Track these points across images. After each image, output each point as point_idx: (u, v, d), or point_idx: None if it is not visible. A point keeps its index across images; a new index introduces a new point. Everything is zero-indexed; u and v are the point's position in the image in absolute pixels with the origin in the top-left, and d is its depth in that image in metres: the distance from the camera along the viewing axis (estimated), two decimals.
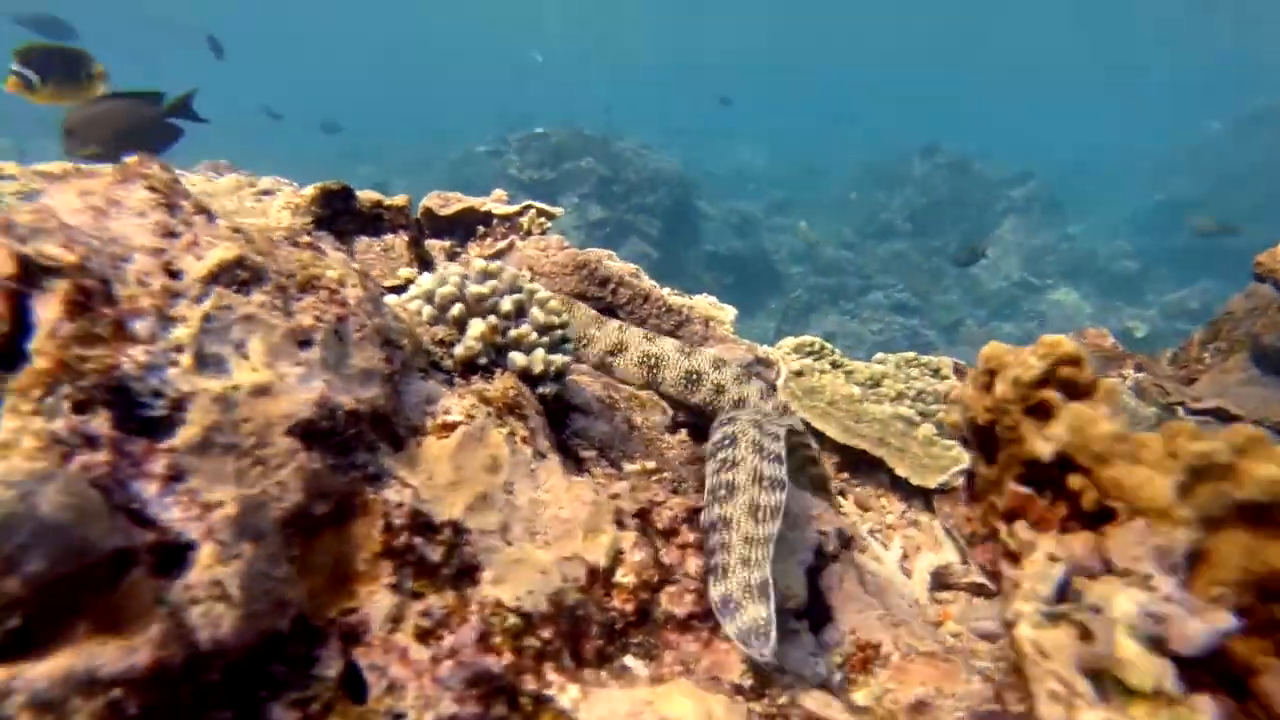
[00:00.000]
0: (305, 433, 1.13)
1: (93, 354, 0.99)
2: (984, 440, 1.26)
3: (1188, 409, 3.19)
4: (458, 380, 1.53)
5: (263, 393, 1.11)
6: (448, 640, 1.14)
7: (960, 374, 3.28)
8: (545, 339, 1.67)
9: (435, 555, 1.21)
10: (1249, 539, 0.96)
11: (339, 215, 2.38)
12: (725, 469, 1.51)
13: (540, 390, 1.64)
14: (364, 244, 2.61)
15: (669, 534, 1.48)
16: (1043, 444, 1.09)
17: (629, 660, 1.31)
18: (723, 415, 1.86)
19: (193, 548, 0.97)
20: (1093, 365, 1.22)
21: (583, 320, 2.31)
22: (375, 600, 1.14)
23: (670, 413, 2.25)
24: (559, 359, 1.67)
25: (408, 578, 1.18)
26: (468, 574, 1.23)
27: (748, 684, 1.33)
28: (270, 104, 16.27)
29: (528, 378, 1.63)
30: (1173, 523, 0.97)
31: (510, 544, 1.30)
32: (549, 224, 3.27)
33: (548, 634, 1.22)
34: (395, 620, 1.14)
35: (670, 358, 2.24)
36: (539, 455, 1.47)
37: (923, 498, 2.67)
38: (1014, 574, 1.07)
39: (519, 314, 1.67)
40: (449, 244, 3.21)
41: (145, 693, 0.87)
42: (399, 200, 2.50)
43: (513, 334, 1.63)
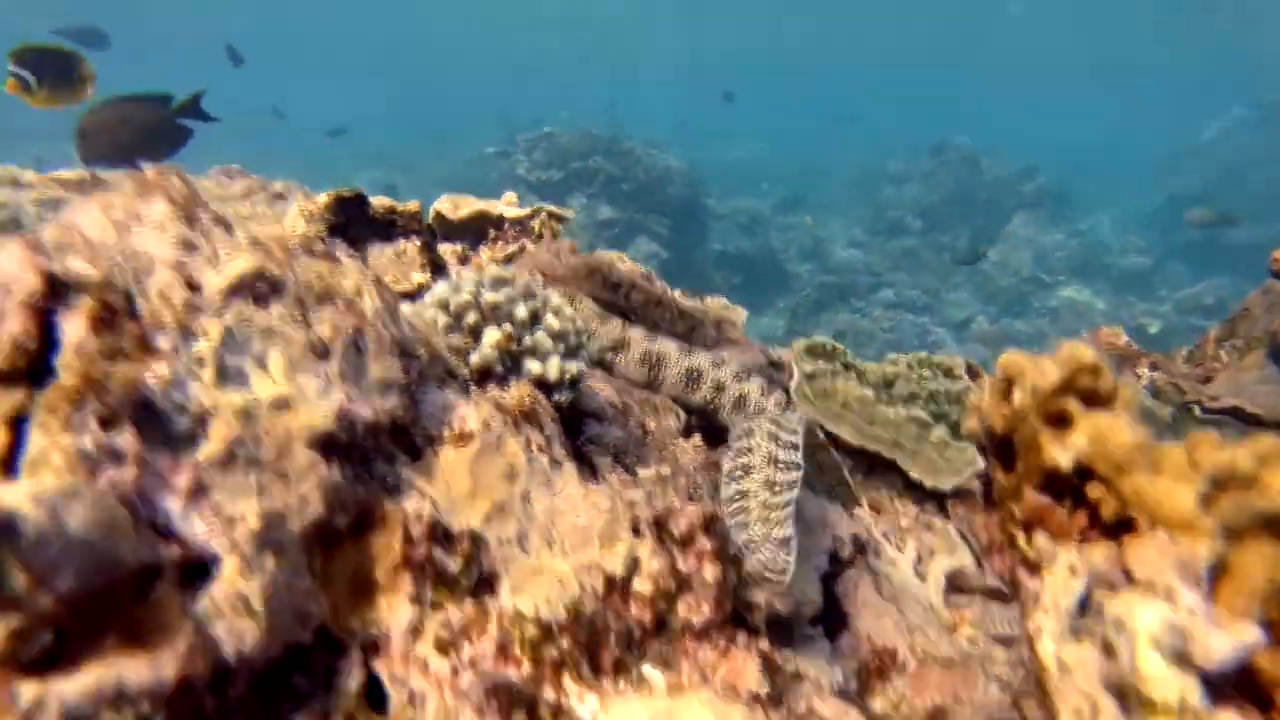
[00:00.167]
0: (325, 445, 1.14)
1: (118, 369, 1.00)
2: (1001, 448, 1.25)
3: (1204, 408, 3.16)
4: (473, 388, 1.54)
5: (283, 406, 1.12)
6: (467, 651, 1.15)
7: (974, 374, 3.26)
8: (560, 346, 1.68)
9: (454, 566, 1.22)
10: (1274, 551, 0.96)
11: (353, 222, 2.40)
12: (741, 455, 1.60)
13: (555, 398, 1.64)
14: (377, 249, 2.62)
15: (686, 542, 1.48)
16: (1062, 453, 1.08)
17: (647, 669, 1.31)
18: (740, 424, 1.88)
19: (216, 562, 0.98)
20: (1109, 367, 1.21)
21: (584, 315, 2.31)
22: (395, 611, 1.15)
23: (684, 417, 2.25)
24: (574, 366, 1.68)
25: (427, 588, 1.19)
26: (486, 584, 1.24)
27: (765, 693, 1.33)
28: (277, 104, 16.41)
29: (543, 385, 1.63)
30: (1195, 534, 0.97)
31: (528, 553, 1.31)
32: (560, 227, 3.28)
33: (566, 644, 1.22)
34: (415, 631, 1.15)
35: (671, 356, 2.25)
36: (555, 463, 1.48)
37: (936, 500, 2.66)
38: (1033, 585, 1.06)
39: (533, 321, 1.68)
40: (461, 247, 3.22)
41: (172, 706, 0.88)
42: (412, 206, 2.51)
43: (528, 341, 1.64)
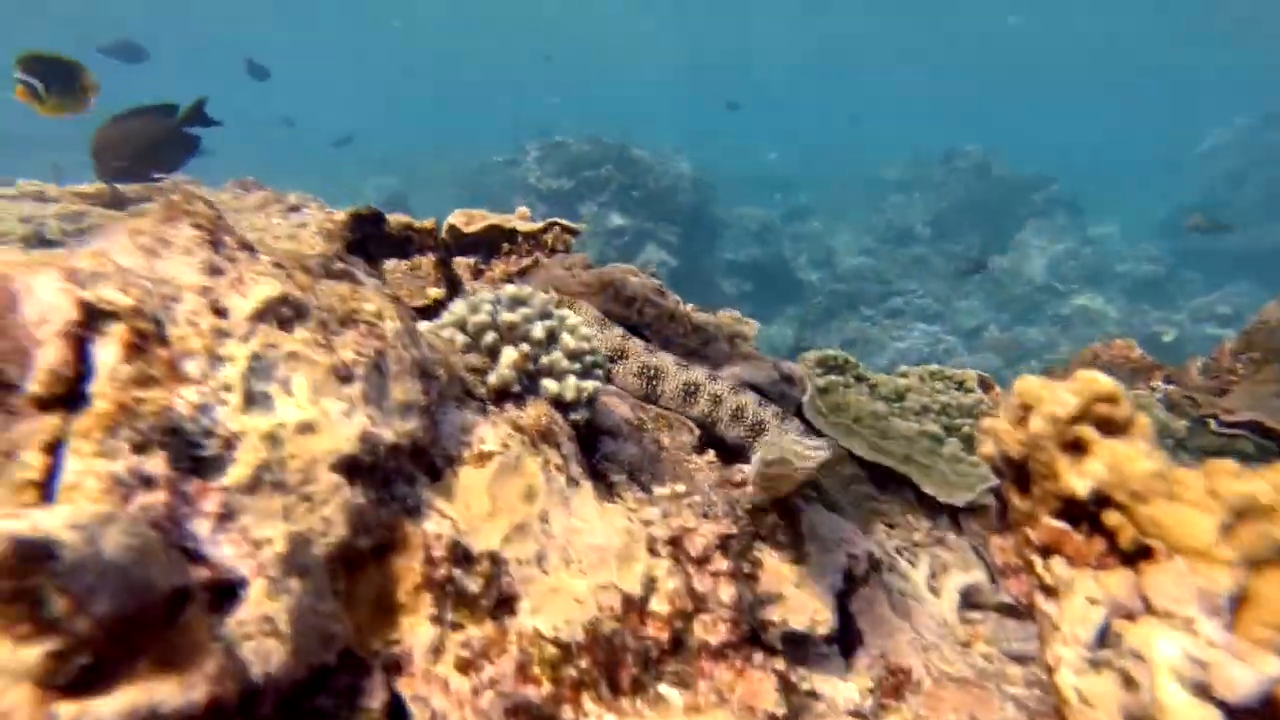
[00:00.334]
0: (349, 468, 1.16)
1: (149, 396, 1.02)
2: (1018, 473, 1.26)
3: (1220, 421, 3.14)
4: (491, 408, 1.56)
5: (308, 430, 1.14)
6: (488, 671, 1.17)
7: (986, 386, 3.25)
8: (576, 365, 1.69)
9: (474, 586, 1.23)
10: None
11: (370, 239, 2.43)
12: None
13: (572, 417, 1.66)
14: (392, 264, 2.65)
15: (702, 561, 1.49)
16: (1079, 481, 1.09)
17: (664, 689, 1.32)
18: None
19: (244, 584, 1.00)
20: (1126, 395, 1.21)
21: (585, 321, 2.34)
22: (417, 632, 1.17)
23: (697, 432, 2.26)
24: (590, 385, 1.69)
25: (448, 609, 1.20)
26: (506, 604, 1.25)
27: (782, 714, 1.33)
28: (286, 114, 16.61)
29: (559, 404, 1.65)
30: (1214, 563, 0.97)
31: (547, 573, 1.32)
32: (573, 240, 3.30)
33: (585, 663, 1.24)
34: (436, 651, 1.16)
35: (669, 370, 2.27)
36: (572, 483, 1.50)
37: (949, 515, 2.65)
38: (1052, 612, 1.07)
39: (550, 340, 1.69)
40: (474, 261, 3.24)
41: None
42: (427, 224, 2.54)
43: (544, 361, 1.65)
